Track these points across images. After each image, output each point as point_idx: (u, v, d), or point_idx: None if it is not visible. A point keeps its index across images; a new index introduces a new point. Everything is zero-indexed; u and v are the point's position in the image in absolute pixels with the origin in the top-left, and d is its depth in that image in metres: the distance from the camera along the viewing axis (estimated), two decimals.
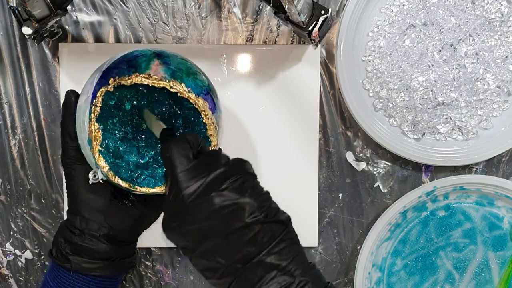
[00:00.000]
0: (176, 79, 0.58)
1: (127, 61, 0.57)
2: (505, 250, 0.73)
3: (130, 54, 0.58)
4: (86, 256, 0.59)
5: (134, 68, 0.57)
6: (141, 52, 0.58)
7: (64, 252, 0.59)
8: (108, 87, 0.56)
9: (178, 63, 0.59)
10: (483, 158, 0.71)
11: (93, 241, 0.59)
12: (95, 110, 0.56)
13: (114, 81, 0.56)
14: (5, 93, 0.71)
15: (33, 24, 0.60)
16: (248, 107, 0.71)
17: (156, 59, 0.58)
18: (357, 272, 0.71)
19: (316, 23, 0.62)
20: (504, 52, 0.67)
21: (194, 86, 0.58)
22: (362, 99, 0.70)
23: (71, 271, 0.59)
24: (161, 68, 0.57)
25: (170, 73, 0.58)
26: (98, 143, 0.57)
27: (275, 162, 0.72)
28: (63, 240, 0.60)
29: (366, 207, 0.74)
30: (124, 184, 0.58)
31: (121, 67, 0.57)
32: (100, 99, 0.56)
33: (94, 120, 0.56)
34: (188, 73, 0.59)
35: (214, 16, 0.71)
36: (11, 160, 0.72)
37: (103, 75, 0.56)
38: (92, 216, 0.59)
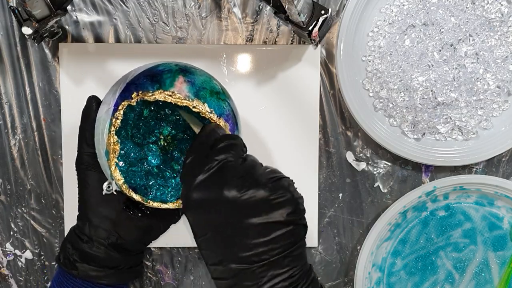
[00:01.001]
0: (199, 99, 0.57)
1: (152, 75, 0.57)
2: (505, 250, 0.73)
3: (155, 68, 0.57)
4: (94, 264, 0.59)
5: (158, 84, 0.56)
6: (166, 67, 0.58)
7: (71, 259, 0.59)
8: (131, 101, 0.56)
9: (203, 82, 0.58)
10: (483, 158, 0.71)
11: (101, 249, 0.59)
12: (115, 123, 0.56)
13: (137, 95, 0.56)
14: (5, 93, 0.71)
15: (33, 24, 0.60)
16: (248, 107, 0.71)
17: (181, 76, 0.57)
18: (357, 272, 0.71)
19: (316, 23, 0.62)
20: (504, 52, 0.67)
21: (216, 107, 0.58)
22: (362, 99, 0.70)
23: (77, 278, 0.59)
24: (186, 86, 0.57)
25: (194, 92, 0.57)
26: (116, 156, 0.56)
27: (275, 162, 0.72)
28: (71, 246, 0.60)
29: (366, 207, 0.74)
30: (137, 198, 0.58)
31: (145, 81, 0.56)
32: (122, 112, 0.56)
33: (114, 132, 0.56)
34: (211, 93, 0.58)
35: (214, 16, 0.71)
36: (11, 160, 0.72)
37: (126, 88, 0.56)
38: (102, 224, 0.59)
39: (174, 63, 0.59)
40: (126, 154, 0.62)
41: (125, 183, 0.57)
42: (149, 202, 0.58)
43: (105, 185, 0.59)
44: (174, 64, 0.59)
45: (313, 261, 0.74)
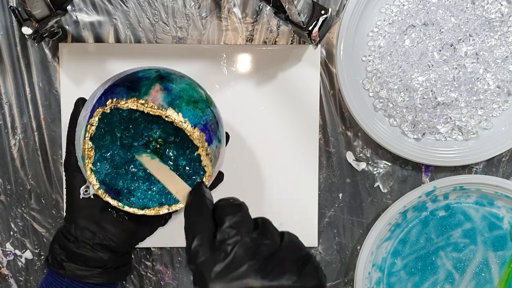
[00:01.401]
0: (174, 107, 0.55)
1: (130, 82, 0.56)
2: (505, 250, 0.73)
3: (135, 75, 0.57)
4: (80, 263, 0.59)
5: (133, 92, 0.55)
6: (146, 74, 0.57)
7: (59, 258, 0.60)
8: (105, 108, 0.55)
9: (180, 90, 0.57)
10: (483, 158, 0.71)
11: (87, 248, 0.59)
12: (90, 129, 0.56)
13: (111, 103, 0.55)
14: (5, 93, 0.71)
15: (33, 24, 0.60)
16: (248, 107, 0.71)
17: (158, 84, 0.56)
18: (357, 272, 0.71)
19: (316, 23, 0.62)
20: (504, 52, 0.67)
21: (192, 117, 0.56)
22: (362, 99, 0.70)
23: (65, 278, 0.59)
24: (160, 95, 0.56)
25: (168, 101, 0.56)
26: (90, 162, 0.57)
27: (275, 162, 0.72)
28: (58, 246, 0.60)
29: (366, 207, 0.74)
30: (113, 203, 0.58)
31: (122, 89, 0.56)
32: (96, 119, 0.56)
33: (88, 138, 0.56)
34: (188, 102, 0.56)
35: (214, 16, 0.71)
36: (11, 160, 0.72)
37: (104, 93, 0.56)
38: (87, 225, 0.60)
39: (155, 70, 0.58)
40: (111, 157, 0.62)
41: (100, 188, 0.57)
42: (125, 207, 0.58)
43: (82, 189, 0.59)
44: (154, 71, 0.58)
45: None
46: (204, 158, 0.57)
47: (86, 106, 0.58)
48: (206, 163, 0.57)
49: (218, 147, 0.59)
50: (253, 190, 0.72)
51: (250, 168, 0.72)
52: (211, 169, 0.58)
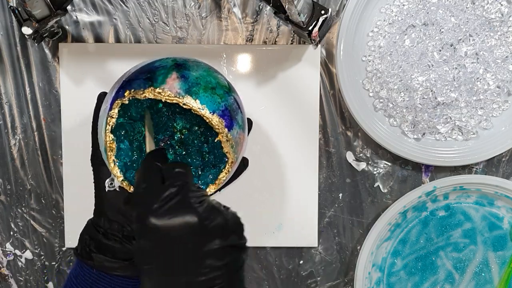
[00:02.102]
0: (191, 95, 0.55)
1: (147, 72, 0.57)
2: (505, 250, 0.73)
3: (152, 65, 0.57)
4: (109, 255, 0.60)
5: (150, 82, 0.56)
6: (162, 63, 0.57)
7: (88, 249, 0.60)
8: (123, 99, 0.55)
9: (197, 77, 0.57)
10: (483, 158, 0.71)
11: (116, 240, 0.60)
12: (110, 121, 0.56)
13: (129, 93, 0.55)
14: (5, 93, 0.71)
15: (33, 24, 0.60)
16: (248, 107, 0.71)
17: (174, 72, 0.56)
18: (357, 272, 0.71)
19: (316, 23, 0.62)
20: (504, 52, 0.67)
21: (210, 103, 0.56)
22: (362, 99, 0.70)
23: (94, 269, 0.60)
24: (177, 82, 0.56)
25: (185, 88, 0.56)
26: (113, 154, 0.57)
27: (275, 162, 0.72)
28: (89, 237, 0.61)
29: (366, 207, 0.74)
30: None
31: (140, 79, 0.56)
32: (116, 110, 0.55)
33: (109, 131, 0.56)
34: (206, 88, 0.57)
35: (214, 16, 0.71)
36: (11, 160, 0.72)
37: (122, 86, 0.56)
38: (115, 217, 0.60)
39: (172, 59, 0.58)
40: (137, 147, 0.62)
41: (125, 180, 0.57)
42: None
43: (107, 182, 0.59)
44: (171, 60, 0.58)
45: (313, 261, 0.74)
46: (225, 144, 0.57)
47: (106, 100, 0.58)
48: (227, 149, 0.57)
49: (239, 133, 0.59)
50: (253, 190, 0.72)
51: (250, 168, 0.72)
52: (233, 155, 0.58)
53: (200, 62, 0.60)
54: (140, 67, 0.57)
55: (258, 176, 0.72)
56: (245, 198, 0.72)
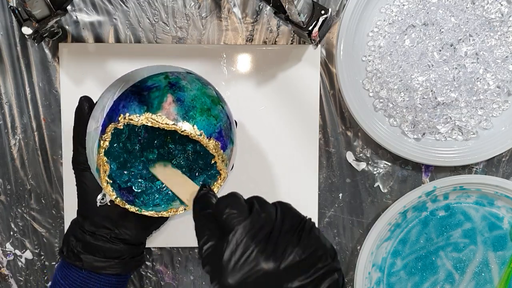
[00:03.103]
0: (188, 120, 0.54)
1: (140, 93, 0.55)
2: (505, 250, 0.73)
3: (144, 84, 0.55)
4: (98, 254, 0.60)
5: (146, 106, 0.54)
6: (156, 83, 0.56)
7: (75, 250, 0.60)
8: (118, 124, 0.54)
9: (193, 99, 0.56)
10: (483, 158, 0.71)
11: (104, 240, 0.60)
12: (103, 145, 0.55)
13: (124, 119, 0.54)
14: (5, 93, 0.71)
15: (33, 24, 0.60)
16: (248, 107, 0.71)
17: (169, 95, 0.55)
18: (357, 272, 0.71)
19: (316, 23, 0.62)
20: (504, 52, 0.67)
21: (207, 127, 0.55)
22: (362, 99, 0.70)
23: (83, 270, 0.60)
24: (174, 107, 0.54)
25: (182, 113, 0.54)
26: (106, 174, 0.56)
27: (275, 162, 0.72)
28: (75, 239, 0.60)
29: (366, 207, 0.74)
30: (132, 209, 0.58)
31: (134, 101, 0.55)
32: (109, 134, 0.54)
33: (103, 153, 0.55)
34: (202, 111, 0.55)
35: (214, 16, 0.71)
36: (11, 160, 0.72)
37: (115, 105, 0.55)
38: (102, 221, 0.60)
39: (163, 75, 0.57)
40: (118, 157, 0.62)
41: (118, 197, 0.57)
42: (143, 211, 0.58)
43: (99, 197, 0.59)
44: (163, 77, 0.56)
45: None
46: (220, 164, 0.57)
47: (95, 116, 0.56)
48: (221, 167, 0.57)
49: (231, 149, 0.59)
50: (253, 190, 0.72)
51: (250, 168, 0.72)
52: (226, 172, 0.58)
53: (192, 77, 0.58)
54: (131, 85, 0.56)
55: (258, 176, 0.72)
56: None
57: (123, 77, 0.58)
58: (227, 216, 0.48)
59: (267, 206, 0.49)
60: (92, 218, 0.60)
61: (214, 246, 0.48)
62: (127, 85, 0.56)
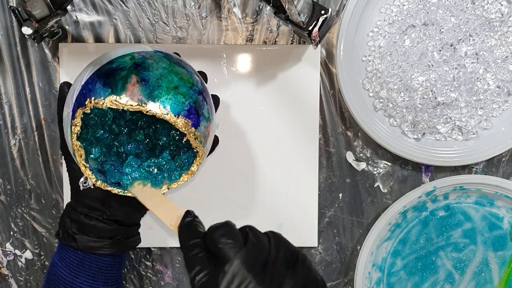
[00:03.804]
0: (153, 100, 0.54)
1: (105, 76, 0.54)
2: (505, 250, 0.73)
3: (110, 66, 0.55)
4: (92, 235, 0.60)
5: (110, 89, 0.54)
6: (121, 64, 0.55)
7: (70, 231, 0.60)
8: (85, 109, 0.54)
9: (158, 78, 0.55)
10: (483, 158, 0.71)
11: (98, 220, 0.60)
12: (75, 130, 0.55)
13: (90, 102, 0.54)
14: (5, 93, 0.71)
15: (33, 24, 0.60)
16: (248, 107, 0.71)
17: (134, 76, 0.54)
18: (357, 272, 0.71)
19: (316, 23, 0.62)
20: (504, 52, 0.67)
21: (174, 105, 0.54)
22: (362, 99, 0.70)
23: (78, 250, 0.60)
24: (138, 88, 0.54)
25: (147, 93, 0.54)
26: (83, 159, 0.56)
27: (275, 162, 0.72)
28: (70, 220, 0.61)
29: (366, 207, 0.74)
30: (114, 191, 0.58)
31: (98, 85, 0.54)
32: (79, 119, 0.54)
33: (75, 137, 0.55)
34: (168, 90, 0.55)
35: (214, 16, 0.71)
36: (11, 160, 0.72)
37: (82, 90, 0.55)
38: (94, 204, 0.60)
39: (130, 56, 0.56)
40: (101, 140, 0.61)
41: (98, 179, 0.57)
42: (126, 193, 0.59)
43: (81, 181, 0.60)
44: (129, 58, 0.56)
45: (313, 261, 0.74)
46: (193, 142, 0.56)
47: (68, 102, 0.56)
48: (196, 145, 0.57)
49: (206, 126, 0.58)
50: (253, 190, 0.72)
51: (250, 168, 0.72)
52: (202, 150, 0.57)
53: (160, 54, 0.57)
54: (98, 68, 0.55)
55: (258, 176, 0.72)
56: (244, 199, 0.72)
57: (94, 61, 0.58)
58: (223, 245, 0.48)
59: (261, 236, 0.49)
60: (83, 201, 0.61)
61: (207, 276, 0.48)
62: (92, 70, 0.56)
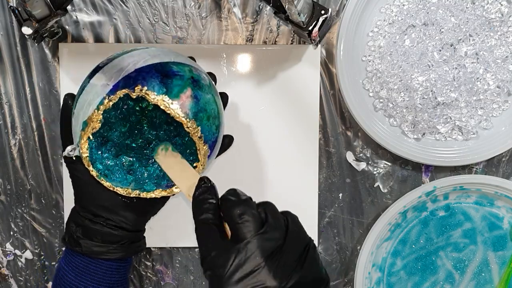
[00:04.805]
0: (196, 120, 0.55)
1: (163, 74, 0.55)
2: (505, 250, 0.73)
3: (169, 68, 0.55)
4: (96, 239, 0.60)
5: (165, 89, 0.54)
6: (180, 71, 0.56)
7: (75, 236, 0.61)
8: (132, 93, 0.53)
9: (206, 102, 0.56)
10: (483, 158, 0.71)
11: (103, 225, 0.61)
12: (107, 104, 0.54)
13: (140, 91, 0.53)
14: (5, 93, 0.71)
15: (33, 24, 0.60)
16: (248, 107, 0.71)
17: (190, 89, 0.55)
18: (357, 272, 0.71)
19: (316, 23, 0.62)
20: (504, 52, 0.67)
21: (207, 133, 0.56)
22: (362, 99, 0.70)
23: (84, 255, 0.60)
24: (189, 102, 0.55)
25: (194, 111, 0.55)
26: (91, 132, 0.55)
27: (275, 162, 0.72)
28: (75, 225, 0.61)
29: (366, 207, 0.74)
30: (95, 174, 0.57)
31: (154, 78, 0.54)
32: (117, 97, 0.54)
33: (102, 110, 0.54)
34: (209, 117, 0.56)
35: (214, 16, 0.71)
36: (11, 160, 0.72)
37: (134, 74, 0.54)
38: (99, 211, 0.60)
39: (188, 68, 0.57)
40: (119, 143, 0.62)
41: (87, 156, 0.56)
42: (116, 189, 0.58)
43: (68, 148, 0.57)
44: (188, 69, 0.57)
45: None
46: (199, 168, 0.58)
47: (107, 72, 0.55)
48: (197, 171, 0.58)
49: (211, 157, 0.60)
50: (253, 190, 0.72)
51: (250, 168, 0.72)
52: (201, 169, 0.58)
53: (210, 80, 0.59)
54: (156, 62, 0.55)
55: (258, 176, 0.72)
56: None
57: (149, 51, 0.58)
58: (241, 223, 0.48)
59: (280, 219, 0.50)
60: (88, 209, 0.61)
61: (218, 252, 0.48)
62: (151, 60, 0.56)
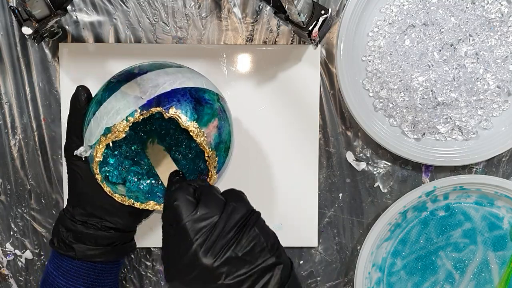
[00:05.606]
0: (216, 151, 0.57)
1: (196, 100, 0.56)
2: (505, 250, 0.73)
3: (202, 93, 0.56)
4: (89, 243, 0.60)
5: (197, 116, 0.55)
6: (210, 98, 0.57)
7: (67, 241, 0.60)
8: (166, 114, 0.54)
9: (226, 134, 0.58)
10: (483, 158, 0.71)
11: (96, 228, 0.60)
12: (138, 118, 0.54)
13: (174, 113, 0.54)
14: (5, 93, 0.71)
15: (33, 24, 0.60)
16: (248, 107, 0.71)
17: (217, 119, 0.57)
18: (357, 272, 0.71)
19: (316, 23, 0.62)
20: (504, 52, 0.67)
21: (221, 164, 0.58)
22: (362, 99, 0.70)
23: (76, 259, 0.60)
24: (214, 132, 0.56)
25: (216, 142, 0.57)
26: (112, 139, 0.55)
27: (275, 162, 0.72)
28: (65, 229, 0.61)
29: (366, 207, 0.74)
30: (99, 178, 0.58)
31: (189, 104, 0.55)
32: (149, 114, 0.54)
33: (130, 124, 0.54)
34: (226, 149, 0.58)
35: (214, 16, 0.71)
36: (11, 160, 0.72)
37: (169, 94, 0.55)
38: (94, 211, 0.60)
39: (217, 97, 0.58)
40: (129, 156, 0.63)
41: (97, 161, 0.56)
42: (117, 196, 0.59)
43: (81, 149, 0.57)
44: (217, 99, 0.58)
45: (313, 261, 0.74)
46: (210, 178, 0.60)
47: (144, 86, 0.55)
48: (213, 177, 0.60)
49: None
50: (253, 190, 0.72)
51: (250, 168, 0.72)
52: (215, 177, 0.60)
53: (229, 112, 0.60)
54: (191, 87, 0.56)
55: (258, 176, 0.72)
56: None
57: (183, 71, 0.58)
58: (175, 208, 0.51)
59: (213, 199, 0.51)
60: (83, 207, 0.60)
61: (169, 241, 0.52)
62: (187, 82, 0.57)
